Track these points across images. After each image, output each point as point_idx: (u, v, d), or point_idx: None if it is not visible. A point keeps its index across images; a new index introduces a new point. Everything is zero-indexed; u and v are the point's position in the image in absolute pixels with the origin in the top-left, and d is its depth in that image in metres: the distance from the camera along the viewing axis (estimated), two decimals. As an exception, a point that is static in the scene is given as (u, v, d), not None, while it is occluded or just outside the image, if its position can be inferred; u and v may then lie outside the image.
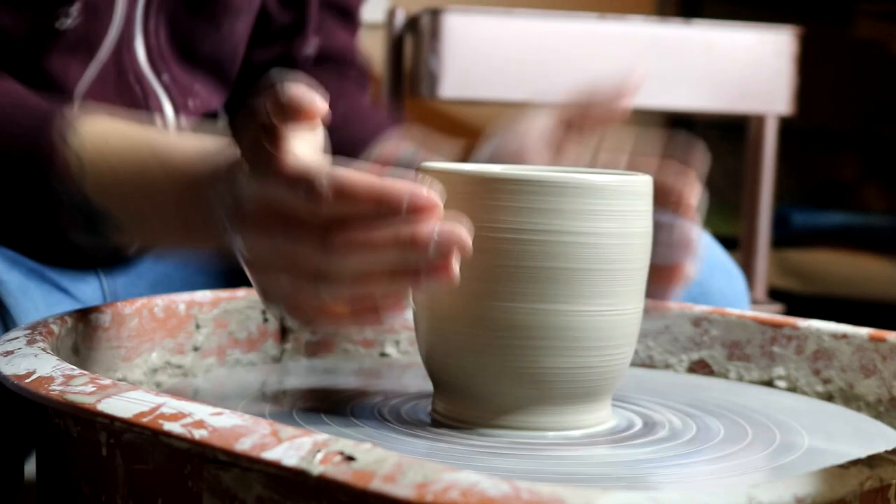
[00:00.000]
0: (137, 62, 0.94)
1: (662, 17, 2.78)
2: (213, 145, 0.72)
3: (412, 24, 1.88)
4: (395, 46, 1.93)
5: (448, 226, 0.60)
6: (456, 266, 0.60)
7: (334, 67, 1.07)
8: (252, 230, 0.64)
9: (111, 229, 0.76)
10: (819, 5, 3.13)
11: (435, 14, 1.78)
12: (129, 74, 0.93)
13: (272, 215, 0.63)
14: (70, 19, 0.87)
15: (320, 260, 0.61)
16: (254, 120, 0.64)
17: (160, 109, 0.95)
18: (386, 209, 0.60)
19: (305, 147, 0.64)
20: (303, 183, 0.61)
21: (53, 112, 0.76)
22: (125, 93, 0.93)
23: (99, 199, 0.75)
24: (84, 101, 0.89)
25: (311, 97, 0.62)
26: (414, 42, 1.87)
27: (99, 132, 0.76)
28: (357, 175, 0.60)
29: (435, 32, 1.78)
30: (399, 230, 0.60)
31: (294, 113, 0.62)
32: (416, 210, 0.60)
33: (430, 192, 0.60)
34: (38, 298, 0.88)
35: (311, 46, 1.05)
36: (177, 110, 0.97)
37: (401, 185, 0.60)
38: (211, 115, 1.01)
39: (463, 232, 0.60)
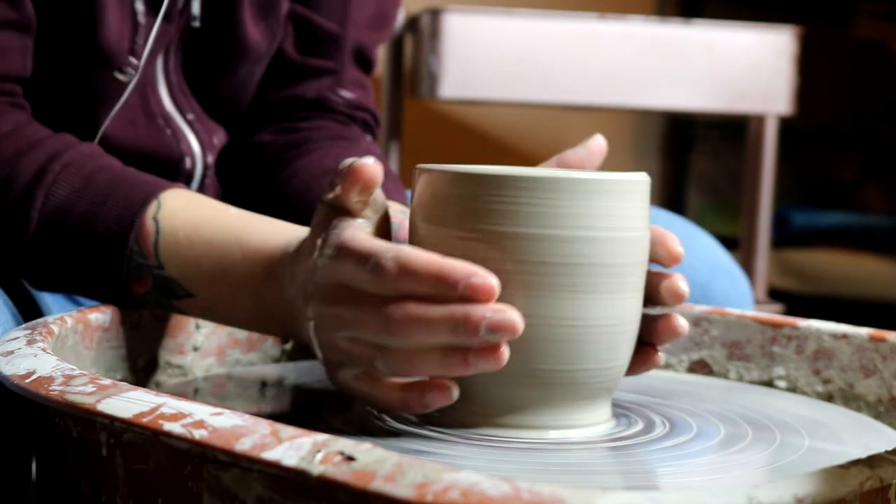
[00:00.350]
0: (162, 103, 0.95)
1: (662, 17, 2.78)
2: (289, 228, 0.77)
3: (412, 24, 1.88)
4: (395, 46, 1.93)
5: (500, 310, 0.63)
6: (506, 351, 0.64)
7: (346, 112, 1.06)
8: (321, 300, 0.68)
9: (182, 296, 0.79)
10: (819, 5, 3.13)
11: (435, 14, 1.78)
12: (157, 118, 0.95)
13: (340, 288, 0.67)
14: (126, 75, 0.90)
15: (379, 333, 0.65)
16: (325, 202, 0.70)
17: (189, 150, 0.96)
18: (444, 289, 0.63)
19: (372, 227, 0.70)
20: (370, 259, 0.65)
21: (149, 193, 0.80)
22: (155, 135, 0.94)
23: (173, 268, 0.78)
24: (112, 144, 0.91)
25: (365, 161, 0.68)
26: (414, 42, 1.87)
27: (179, 206, 0.80)
28: (420, 254, 0.64)
29: (435, 32, 1.78)
30: (454, 310, 0.63)
31: (352, 175, 0.68)
32: (471, 291, 0.63)
33: (487, 277, 0.63)
34: (48, 300, 0.88)
35: (340, 93, 1.05)
36: (203, 148, 0.98)
37: (460, 268, 0.63)
38: (224, 152, 1.02)
39: (515, 317, 0.63)
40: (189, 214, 0.79)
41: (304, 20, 1.03)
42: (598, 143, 0.82)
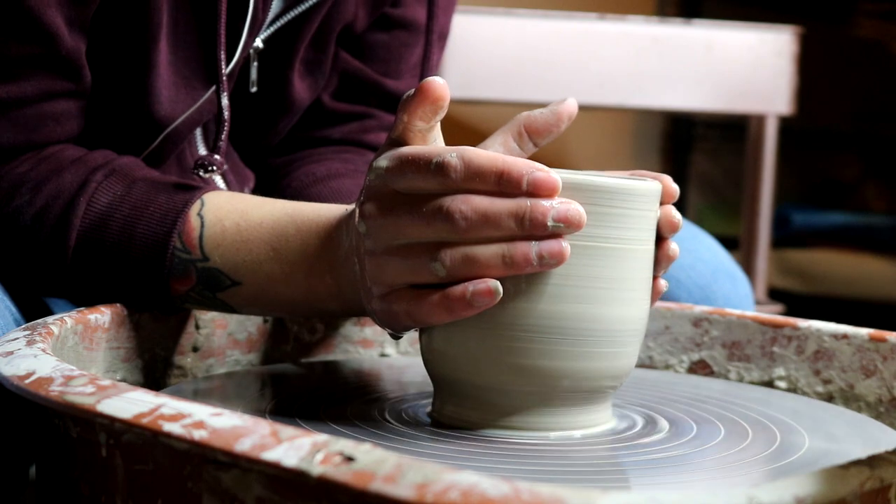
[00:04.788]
0: (199, 156, 0.94)
1: (662, 17, 2.78)
2: (342, 206, 0.76)
3: (412, 24, 1.88)
4: (395, 47, 1.93)
5: (566, 201, 0.64)
6: (568, 247, 0.64)
7: (369, 150, 1.07)
8: (375, 211, 0.67)
9: (227, 286, 0.78)
10: (819, 5, 3.13)
11: (435, 14, 1.78)
12: (191, 172, 0.94)
13: (396, 196, 0.66)
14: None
15: (442, 231, 0.64)
16: (386, 142, 0.69)
17: None
18: (507, 185, 0.64)
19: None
20: (433, 160, 0.64)
21: (191, 194, 0.80)
22: None
23: (219, 258, 0.78)
24: None
25: (435, 79, 0.67)
26: (414, 42, 1.87)
27: (224, 200, 0.80)
28: (481, 152, 0.64)
29: (435, 32, 1.78)
30: (520, 202, 0.63)
31: (420, 93, 0.67)
32: (534, 186, 0.63)
33: (550, 172, 0.63)
34: (50, 302, 0.88)
35: (365, 138, 1.05)
36: None
37: (522, 163, 0.64)
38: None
39: (580, 208, 0.63)
40: (235, 205, 0.79)
41: (350, 74, 1.03)
42: (567, 107, 0.80)
